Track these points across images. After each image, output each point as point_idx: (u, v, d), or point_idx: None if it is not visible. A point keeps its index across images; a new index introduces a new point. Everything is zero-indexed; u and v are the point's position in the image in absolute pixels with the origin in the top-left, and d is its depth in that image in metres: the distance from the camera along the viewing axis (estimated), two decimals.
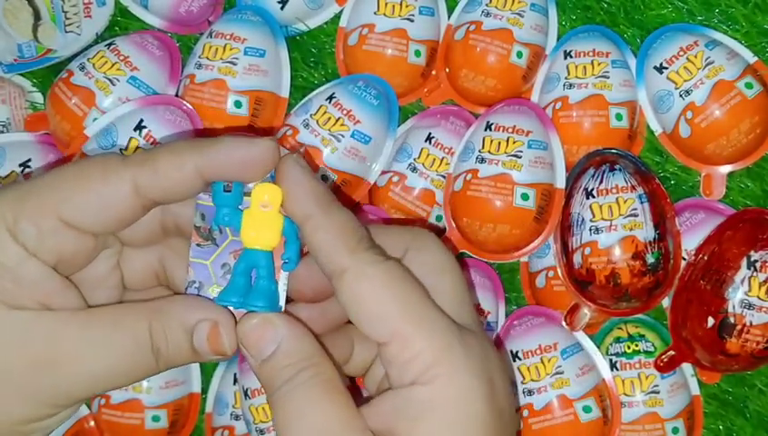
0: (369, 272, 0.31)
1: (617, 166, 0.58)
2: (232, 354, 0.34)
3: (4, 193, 0.33)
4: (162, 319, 0.33)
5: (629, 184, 0.57)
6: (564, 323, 0.59)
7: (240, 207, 0.34)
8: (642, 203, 0.57)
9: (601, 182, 0.58)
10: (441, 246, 0.35)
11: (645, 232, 0.56)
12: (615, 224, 0.56)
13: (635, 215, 0.57)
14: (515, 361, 0.58)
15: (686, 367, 0.60)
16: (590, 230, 0.57)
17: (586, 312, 0.58)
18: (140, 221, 0.34)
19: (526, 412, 0.57)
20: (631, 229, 0.56)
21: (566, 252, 0.58)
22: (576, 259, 0.58)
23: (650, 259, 0.56)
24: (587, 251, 0.57)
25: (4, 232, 0.32)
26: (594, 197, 0.57)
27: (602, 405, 0.57)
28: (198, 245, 0.35)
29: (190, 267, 0.35)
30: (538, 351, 0.58)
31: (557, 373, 0.57)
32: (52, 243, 0.32)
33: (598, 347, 0.60)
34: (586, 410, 0.56)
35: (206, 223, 0.35)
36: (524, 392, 0.57)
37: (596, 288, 0.57)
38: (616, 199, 0.57)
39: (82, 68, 0.61)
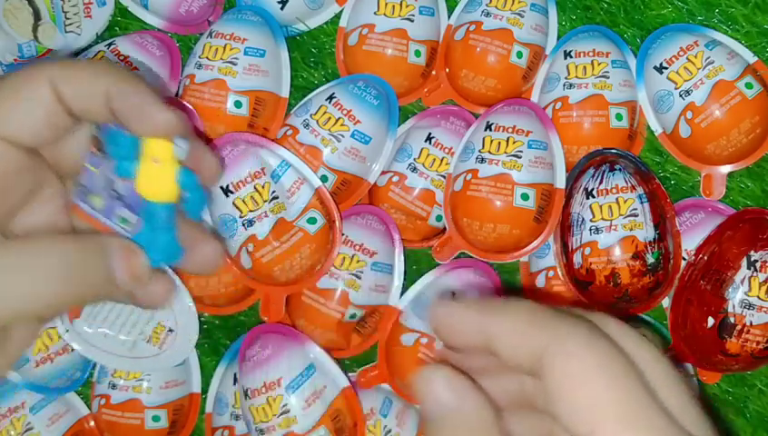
0: (574, 349, 0.26)
1: (617, 166, 0.58)
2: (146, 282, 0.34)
3: None
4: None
5: (629, 184, 0.57)
6: None
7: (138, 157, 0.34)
8: (642, 203, 0.57)
9: (601, 182, 0.58)
10: (635, 333, 0.28)
11: (645, 233, 0.56)
12: (615, 224, 0.57)
13: (635, 215, 0.57)
14: None
15: (686, 367, 0.60)
16: (590, 230, 0.57)
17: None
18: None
19: None
20: (631, 229, 0.56)
21: (566, 252, 0.58)
22: (576, 259, 0.58)
23: (650, 259, 0.56)
24: (587, 251, 0.57)
25: None
26: (594, 197, 0.57)
27: None
28: (92, 153, 0.35)
29: (83, 171, 0.35)
30: None
31: None
32: None
33: None
34: None
35: (102, 136, 0.35)
36: None
37: (596, 288, 0.57)
38: (616, 199, 0.57)
39: None
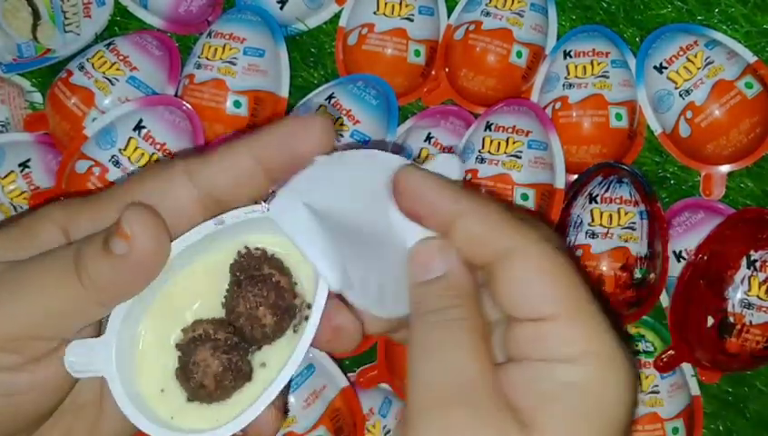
0: (536, 250, 0.30)
1: (625, 180, 0.58)
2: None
3: (67, 201, 0.32)
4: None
5: (633, 199, 0.57)
6: None
7: None
8: (642, 219, 0.57)
9: (607, 190, 0.58)
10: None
11: (639, 247, 0.57)
12: (611, 233, 0.56)
13: (633, 229, 0.57)
14: None
15: (686, 367, 0.60)
16: (586, 233, 0.57)
17: None
18: None
19: None
20: (626, 240, 0.56)
21: None
22: None
23: (637, 274, 0.56)
24: (578, 253, 0.57)
25: (56, 228, 0.31)
26: (596, 203, 0.57)
27: None
28: None
29: None
30: None
31: None
32: None
33: None
34: None
35: None
36: None
37: None
38: (618, 209, 0.57)
39: (81, 68, 0.61)
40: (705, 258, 0.58)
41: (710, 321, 0.57)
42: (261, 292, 0.31)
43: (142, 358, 0.31)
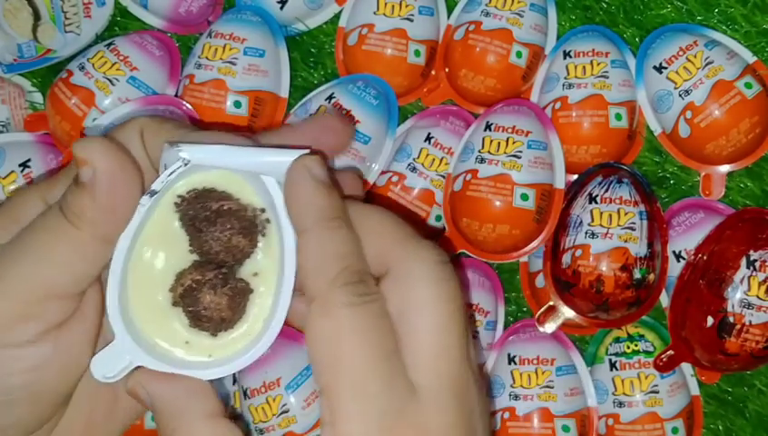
0: (337, 312, 0.29)
1: (625, 180, 0.58)
2: None
3: (42, 179, 0.35)
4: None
5: (633, 199, 0.57)
6: (535, 322, 0.59)
7: None
8: (642, 219, 0.57)
9: (607, 190, 0.58)
10: (432, 275, 0.30)
11: (639, 248, 0.57)
12: (611, 233, 0.57)
13: (633, 229, 0.57)
14: (510, 364, 0.58)
15: (686, 367, 0.60)
16: (586, 233, 0.57)
17: (563, 313, 0.58)
18: None
19: (507, 415, 0.57)
20: (626, 241, 0.56)
21: (556, 250, 0.58)
22: (566, 259, 0.58)
23: (637, 274, 0.57)
24: (578, 253, 0.57)
25: (41, 203, 0.33)
26: (596, 203, 0.57)
27: (581, 430, 0.57)
28: None
29: None
30: (535, 362, 0.58)
31: (547, 387, 0.57)
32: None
33: (597, 348, 0.60)
34: (565, 429, 0.57)
35: None
36: (510, 396, 0.57)
37: (578, 291, 0.57)
38: (618, 209, 0.57)
39: (81, 68, 0.61)
40: (705, 258, 0.58)
41: (710, 320, 0.57)
42: (225, 224, 0.32)
43: (151, 334, 0.33)
